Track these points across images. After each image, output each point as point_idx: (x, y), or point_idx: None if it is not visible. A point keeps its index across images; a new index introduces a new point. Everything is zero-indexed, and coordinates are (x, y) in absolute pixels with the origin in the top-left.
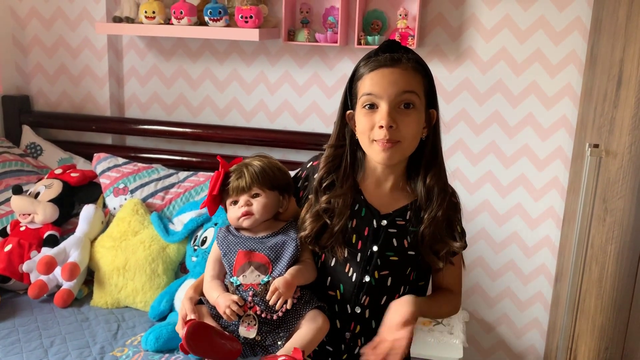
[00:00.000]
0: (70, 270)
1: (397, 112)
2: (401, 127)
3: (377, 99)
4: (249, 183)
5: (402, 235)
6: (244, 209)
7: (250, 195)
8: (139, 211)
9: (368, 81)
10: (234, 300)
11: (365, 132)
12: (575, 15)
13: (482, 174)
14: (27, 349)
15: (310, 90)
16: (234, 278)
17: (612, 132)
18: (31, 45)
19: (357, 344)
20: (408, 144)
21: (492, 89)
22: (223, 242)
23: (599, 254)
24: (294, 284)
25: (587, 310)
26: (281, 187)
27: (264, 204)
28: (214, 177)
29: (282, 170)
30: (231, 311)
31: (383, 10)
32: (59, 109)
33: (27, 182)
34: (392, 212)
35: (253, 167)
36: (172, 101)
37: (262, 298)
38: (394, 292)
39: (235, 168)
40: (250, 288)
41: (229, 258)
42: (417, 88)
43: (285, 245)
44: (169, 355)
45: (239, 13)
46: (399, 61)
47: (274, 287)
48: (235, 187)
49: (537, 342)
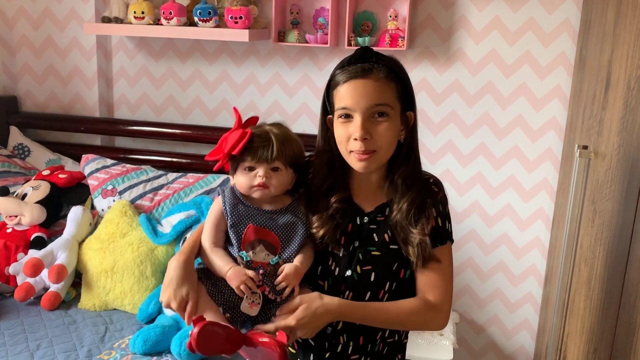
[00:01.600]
0: (57, 273)
1: (371, 122)
2: (375, 137)
3: (351, 111)
4: (275, 156)
5: (382, 229)
6: (261, 180)
7: (270, 168)
8: (127, 213)
9: (342, 93)
10: (250, 276)
11: (342, 142)
12: (564, 17)
13: (471, 176)
14: (12, 352)
15: (300, 92)
16: (243, 253)
17: (600, 133)
18: (19, 46)
19: (339, 341)
20: (384, 152)
21: (481, 90)
22: (233, 210)
23: (588, 255)
24: (303, 272)
25: (576, 311)
26: (297, 164)
27: (282, 180)
28: (237, 136)
29: (301, 147)
30: (245, 287)
31: (373, 11)
32: (48, 109)
33: (14, 183)
34: (373, 210)
35: (280, 138)
36: (162, 102)
37: (270, 279)
38: (378, 287)
39: (259, 132)
40: (260, 266)
41: (237, 229)
42: (389, 99)
43: (296, 227)
44: (157, 357)
45: (229, 14)
46: (370, 72)
47: (285, 273)
48: (258, 155)
49: (527, 343)
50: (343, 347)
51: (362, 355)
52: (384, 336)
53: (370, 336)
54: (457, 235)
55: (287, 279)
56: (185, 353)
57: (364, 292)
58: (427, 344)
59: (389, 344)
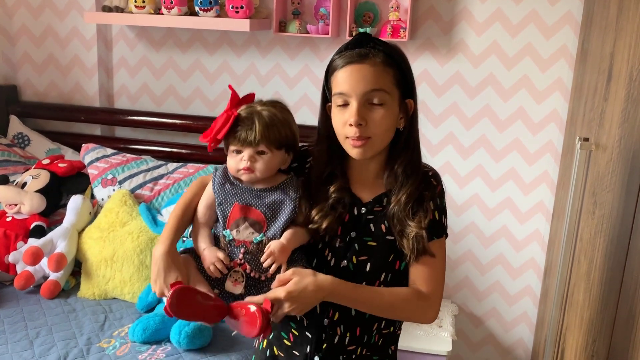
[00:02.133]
0: (57, 261)
1: (367, 109)
2: (370, 124)
3: (346, 97)
4: (257, 139)
5: (379, 220)
6: (246, 163)
7: (255, 151)
8: (127, 202)
9: (338, 79)
10: (220, 258)
11: (339, 128)
12: (566, 9)
13: (472, 168)
14: (12, 340)
15: (301, 82)
16: (227, 231)
17: (602, 125)
18: (19, 35)
19: (336, 332)
20: (379, 139)
21: (483, 82)
22: (220, 189)
23: (588, 248)
24: (290, 249)
25: (575, 304)
26: (288, 145)
27: (268, 163)
28: (222, 119)
29: (294, 128)
30: (215, 268)
31: (375, 2)
32: (47, 99)
33: (14, 172)
34: (371, 200)
35: (265, 120)
36: (162, 92)
37: (254, 257)
38: (373, 278)
39: (246, 114)
40: (243, 245)
41: (223, 208)
42: (385, 84)
43: (283, 205)
44: (156, 346)
45: (230, 3)
46: (366, 57)
47: (270, 250)
48: (242, 138)
49: (526, 336)
50: (340, 338)
51: (359, 347)
52: (380, 327)
53: (367, 327)
54: (456, 228)
55: (273, 255)
56: (184, 342)
57: (360, 283)
58: (426, 336)
59: (384, 335)
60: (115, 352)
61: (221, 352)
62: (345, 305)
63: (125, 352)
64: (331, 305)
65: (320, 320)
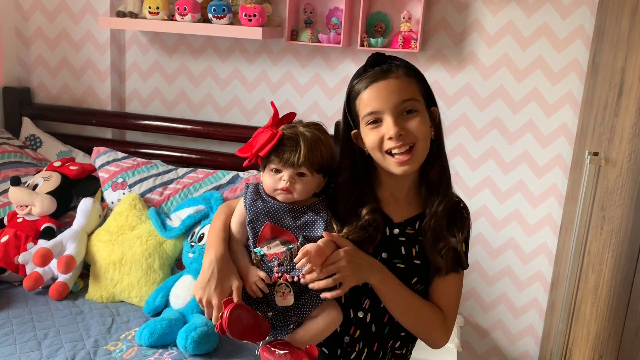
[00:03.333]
0: (66, 263)
1: (402, 120)
2: (411, 131)
3: (379, 114)
4: (301, 162)
5: (410, 243)
6: (285, 184)
7: (296, 173)
8: (136, 206)
9: (365, 100)
10: (261, 277)
11: (376, 146)
12: (578, 23)
13: (480, 179)
14: (20, 340)
15: (311, 91)
16: (258, 249)
17: (612, 140)
18: (34, 38)
19: (354, 349)
20: (422, 145)
21: (493, 94)
22: (252, 206)
23: (596, 262)
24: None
25: (582, 318)
26: (327, 170)
27: (307, 186)
28: (266, 136)
29: (333, 152)
30: (257, 288)
31: (387, 12)
32: (60, 102)
33: (25, 174)
34: (403, 222)
35: (309, 143)
36: (173, 97)
37: (288, 263)
38: None
39: (290, 134)
40: (275, 257)
41: (254, 226)
42: (414, 93)
43: (315, 224)
44: (162, 350)
45: (243, 11)
46: (389, 71)
47: (306, 250)
48: (285, 159)
49: (532, 349)
50: (357, 355)
51: None
52: (394, 346)
53: (383, 344)
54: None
55: (308, 255)
56: (191, 346)
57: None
58: None
59: (397, 355)
60: (122, 355)
61: (227, 357)
62: (384, 294)
63: (132, 355)
64: (354, 323)
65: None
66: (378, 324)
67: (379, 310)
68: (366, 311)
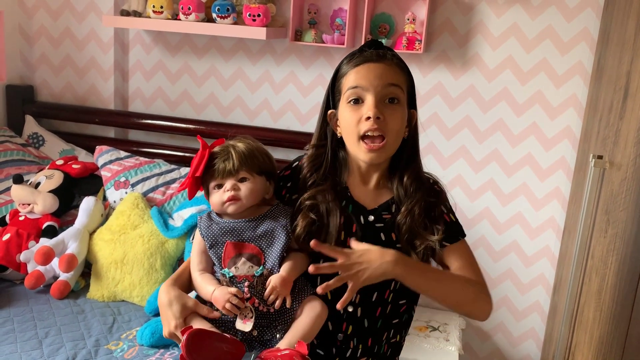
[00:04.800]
0: (67, 262)
1: (383, 106)
2: (388, 120)
3: (363, 91)
4: (237, 166)
5: (389, 229)
6: (230, 193)
7: (237, 179)
8: (139, 205)
9: (353, 75)
10: (233, 293)
11: (351, 127)
12: (583, 26)
13: (483, 182)
14: (21, 339)
15: (315, 91)
16: (225, 270)
17: (617, 143)
18: (37, 36)
19: (349, 345)
20: (393, 140)
21: (496, 97)
22: (207, 232)
23: (600, 266)
24: (291, 281)
25: (585, 322)
26: (268, 172)
27: (251, 189)
28: (197, 158)
29: (268, 154)
30: (231, 305)
31: (391, 14)
32: (63, 100)
33: (27, 172)
34: (377, 207)
35: (240, 149)
36: (176, 97)
37: (259, 290)
38: (384, 287)
39: (220, 149)
40: (245, 280)
41: (216, 250)
42: (401, 83)
43: (275, 233)
44: (164, 350)
45: (247, 11)
46: (384, 57)
47: (272, 286)
48: (221, 169)
49: (533, 352)
50: (352, 351)
51: (370, 357)
52: (389, 337)
53: (378, 337)
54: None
55: (274, 290)
56: None
57: (371, 293)
58: (433, 349)
59: (392, 344)
60: (123, 355)
61: None
62: (415, 285)
63: (133, 355)
64: (345, 319)
65: (333, 337)
66: (370, 319)
67: (370, 304)
68: (356, 305)
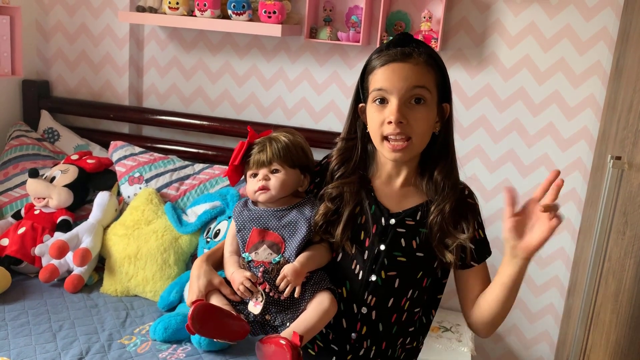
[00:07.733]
0: (82, 256)
1: (408, 108)
2: (411, 122)
3: (387, 94)
4: (270, 158)
5: (411, 235)
6: (261, 182)
7: (269, 170)
8: (153, 201)
9: (379, 76)
10: (247, 277)
11: (376, 127)
12: (601, 25)
13: (498, 182)
14: (35, 332)
15: (329, 89)
16: (246, 254)
17: (636, 144)
18: (54, 31)
19: (362, 345)
20: (418, 140)
21: (513, 96)
22: (239, 217)
23: (617, 268)
24: (303, 272)
25: (601, 325)
26: (302, 166)
27: (282, 180)
28: (237, 147)
29: (306, 149)
30: (244, 288)
31: (407, 11)
32: (78, 95)
33: (43, 166)
34: (402, 212)
35: (277, 142)
36: (191, 93)
37: (272, 277)
38: (401, 294)
39: (259, 141)
40: (261, 265)
41: (243, 234)
42: (428, 83)
43: (299, 224)
44: (177, 345)
45: (263, 8)
46: (410, 55)
47: (283, 274)
48: (255, 160)
49: (546, 355)
50: (365, 352)
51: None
52: (404, 342)
53: (392, 342)
54: None
55: (285, 279)
56: (205, 342)
57: (387, 299)
58: (445, 350)
59: (407, 349)
60: (136, 350)
61: (241, 355)
62: (523, 273)
63: (145, 349)
64: (360, 319)
65: (347, 334)
66: (385, 324)
67: (385, 309)
68: (371, 308)
